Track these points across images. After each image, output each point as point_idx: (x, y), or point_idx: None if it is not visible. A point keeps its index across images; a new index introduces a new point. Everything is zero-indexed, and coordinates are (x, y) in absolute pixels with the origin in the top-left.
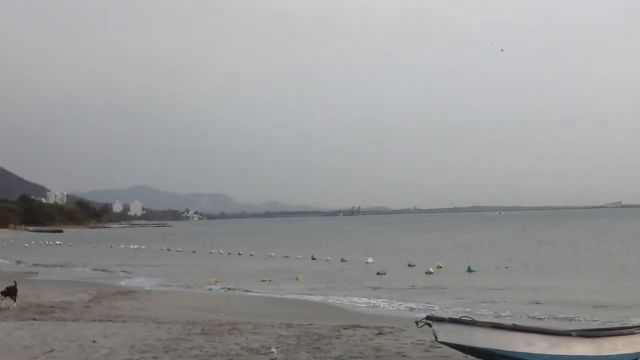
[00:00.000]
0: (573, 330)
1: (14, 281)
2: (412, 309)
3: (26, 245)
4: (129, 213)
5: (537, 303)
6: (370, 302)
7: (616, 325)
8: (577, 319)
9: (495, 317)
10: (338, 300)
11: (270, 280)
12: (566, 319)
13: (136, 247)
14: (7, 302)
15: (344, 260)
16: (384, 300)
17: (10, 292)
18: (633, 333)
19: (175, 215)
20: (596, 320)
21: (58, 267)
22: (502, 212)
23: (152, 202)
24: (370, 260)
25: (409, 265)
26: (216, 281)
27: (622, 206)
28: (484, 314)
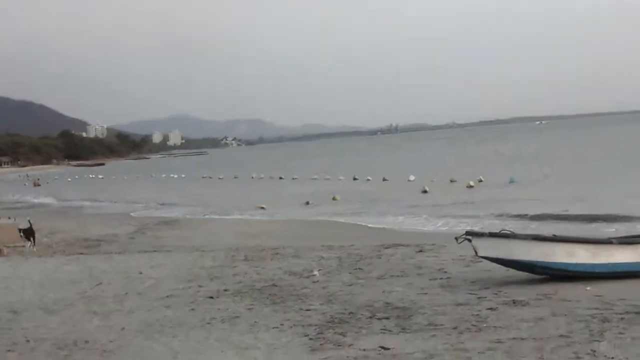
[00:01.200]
0: (614, 238)
1: (29, 221)
2: (451, 225)
3: (69, 179)
4: (168, 143)
5: (571, 213)
6: (411, 220)
7: None
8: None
9: (528, 229)
10: (379, 220)
11: (308, 203)
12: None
13: (176, 176)
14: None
15: (385, 180)
16: (424, 217)
17: (28, 234)
18: None
19: (214, 143)
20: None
21: (102, 202)
22: (544, 122)
23: (190, 131)
24: (412, 177)
25: (451, 181)
26: (263, 207)
27: None
28: (518, 227)
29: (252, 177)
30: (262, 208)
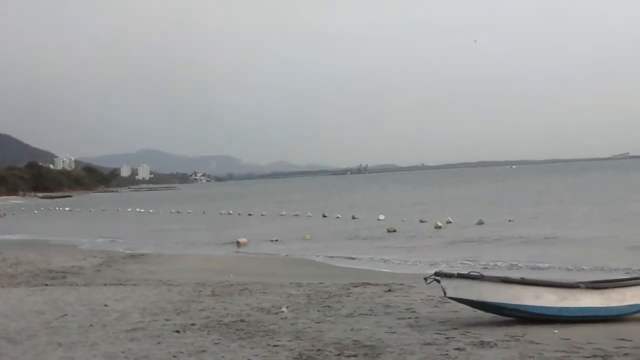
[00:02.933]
0: (581, 282)
1: None
2: (420, 265)
3: (36, 212)
4: (137, 177)
5: (537, 258)
6: (379, 260)
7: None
8: (579, 269)
9: (502, 270)
10: (348, 258)
11: (277, 240)
12: (568, 269)
13: (143, 210)
14: None
15: (354, 218)
16: (393, 257)
17: None
18: None
19: (183, 178)
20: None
21: (68, 233)
22: (514, 166)
23: (160, 166)
24: (381, 217)
25: (421, 221)
26: (239, 242)
27: (630, 157)
28: (490, 267)
29: (221, 213)
30: (238, 243)
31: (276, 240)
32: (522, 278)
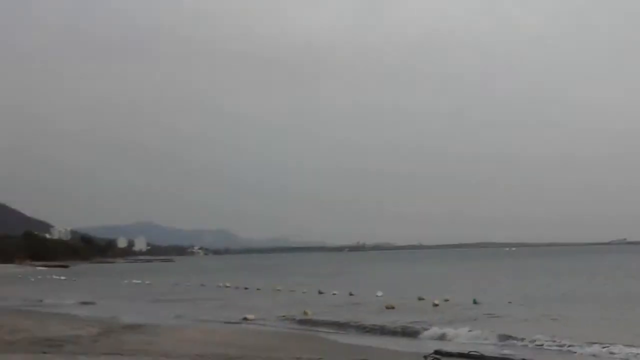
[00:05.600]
0: None
1: None
2: (420, 343)
3: (32, 279)
4: (133, 249)
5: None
6: (379, 337)
7: None
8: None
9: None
10: (346, 334)
11: (283, 316)
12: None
13: (140, 282)
14: None
15: (352, 294)
16: (392, 334)
17: None
18: None
19: (180, 251)
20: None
21: (65, 302)
22: (513, 249)
23: (156, 238)
24: (379, 293)
25: (419, 299)
26: (246, 318)
27: (628, 242)
28: (488, 343)
29: (218, 286)
30: (246, 319)
31: (283, 317)
32: (523, 359)
